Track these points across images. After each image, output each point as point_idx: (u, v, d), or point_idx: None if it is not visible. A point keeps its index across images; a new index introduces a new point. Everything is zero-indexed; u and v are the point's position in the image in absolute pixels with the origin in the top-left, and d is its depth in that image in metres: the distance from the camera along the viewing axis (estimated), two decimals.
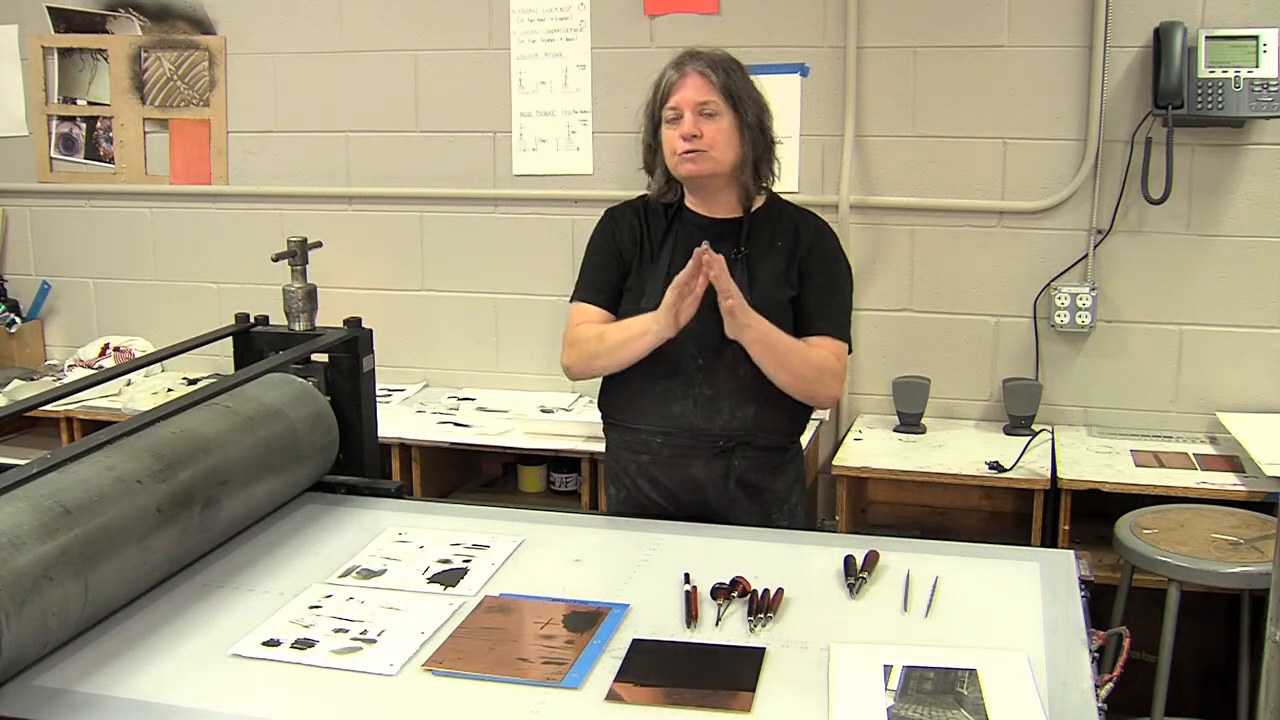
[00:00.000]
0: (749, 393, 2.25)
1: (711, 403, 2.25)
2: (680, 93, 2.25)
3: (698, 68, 2.25)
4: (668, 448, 2.27)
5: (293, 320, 2.48)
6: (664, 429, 2.28)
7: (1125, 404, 3.31)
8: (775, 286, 2.28)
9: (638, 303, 2.31)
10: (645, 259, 2.35)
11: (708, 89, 2.24)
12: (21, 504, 1.68)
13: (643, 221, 2.38)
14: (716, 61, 2.26)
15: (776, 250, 2.30)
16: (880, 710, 1.56)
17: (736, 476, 2.27)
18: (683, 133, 2.24)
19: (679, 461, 2.28)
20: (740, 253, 2.29)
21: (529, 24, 3.54)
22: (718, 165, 2.26)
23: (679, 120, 2.25)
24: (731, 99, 2.24)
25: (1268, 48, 2.98)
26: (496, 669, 1.67)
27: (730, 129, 2.25)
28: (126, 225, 4.00)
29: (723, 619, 1.82)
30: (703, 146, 2.23)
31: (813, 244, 2.33)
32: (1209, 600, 2.97)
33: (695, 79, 2.25)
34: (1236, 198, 3.16)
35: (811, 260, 2.31)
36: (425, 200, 3.72)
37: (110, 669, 1.68)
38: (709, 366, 2.25)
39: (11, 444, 3.73)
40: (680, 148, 2.24)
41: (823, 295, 2.32)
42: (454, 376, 3.80)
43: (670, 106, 2.26)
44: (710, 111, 2.24)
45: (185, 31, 3.83)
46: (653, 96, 2.32)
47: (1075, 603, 1.85)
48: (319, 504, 2.32)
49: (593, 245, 2.43)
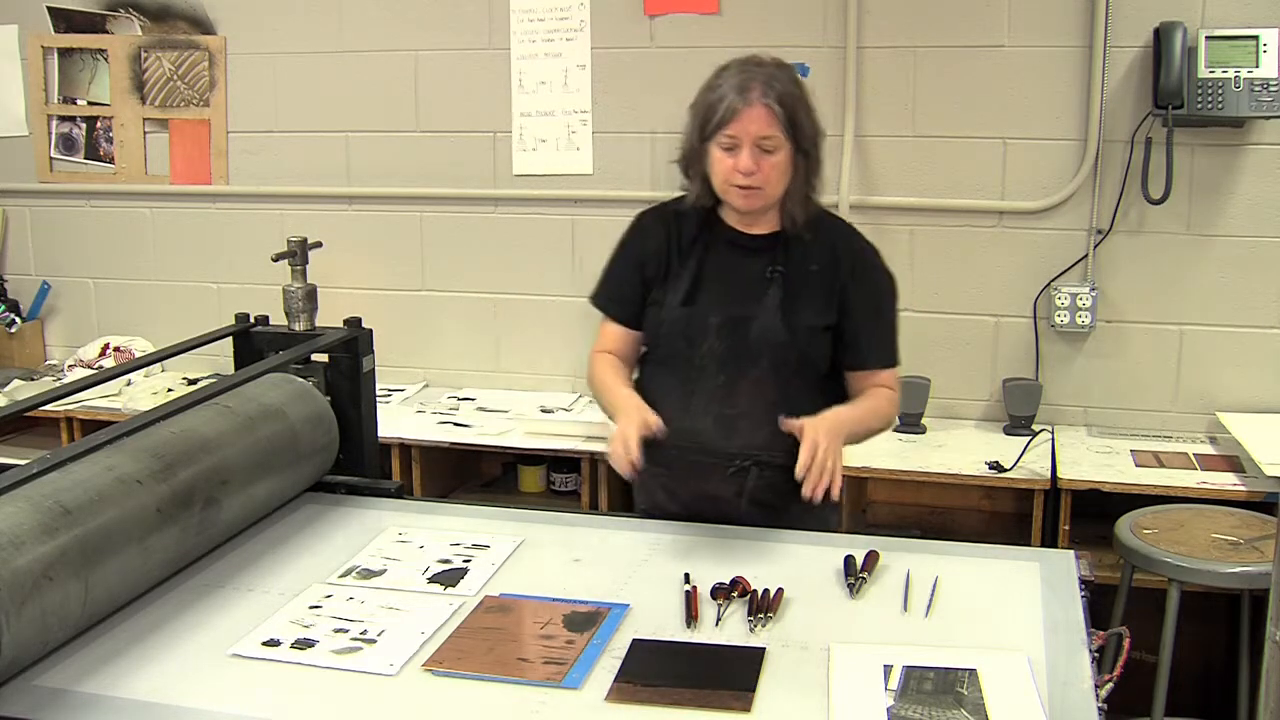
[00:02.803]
0: (770, 414, 2.17)
1: (731, 421, 2.18)
2: (741, 124, 2.09)
3: (764, 100, 2.09)
4: (684, 462, 2.21)
5: (293, 320, 2.48)
6: (681, 444, 2.20)
7: (1125, 404, 3.31)
8: (811, 313, 2.19)
9: (658, 315, 2.24)
10: (672, 269, 2.25)
11: (770, 123, 2.09)
12: (21, 504, 1.68)
13: (673, 231, 2.26)
14: (782, 93, 2.10)
15: (813, 275, 2.20)
16: (880, 710, 1.56)
17: (749, 496, 2.21)
18: (741, 168, 2.10)
19: (694, 477, 2.22)
20: (775, 271, 2.20)
21: (529, 24, 3.54)
22: (769, 199, 2.17)
23: (735, 150, 2.11)
24: (792, 131, 2.12)
25: (1268, 48, 2.98)
26: (496, 669, 1.67)
27: (785, 161, 2.13)
28: (126, 225, 4.00)
29: (723, 619, 1.82)
30: (758, 183, 2.11)
31: (853, 268, 2.22)
32: (1209, 600, 2.97)
33: (760, 111, 2.09)
34: (1236, 198, 3.16)
35: (853, 288, 2.21)
36: (425, 200, 3.72)
37: (110, 669, 1.68)
38: (731, 385, 2.18)
39: (11, 444, 3.73)
40: (736, 180, 2.12)
41: (870, 324, 2.24)
42: (454, 376, 3.80)
43: (729, 134, 2.11)
44: (770, 148, 2.10)
45: (185, 31, 3.83)
46: (706, 110, 2.15)
47: (1075, 603, 1.85)
48: (319, 504, 2.32)
49: (619, 249, 2.34)
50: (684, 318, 2.20)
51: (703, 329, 2.18)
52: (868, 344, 2.24)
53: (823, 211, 2.26)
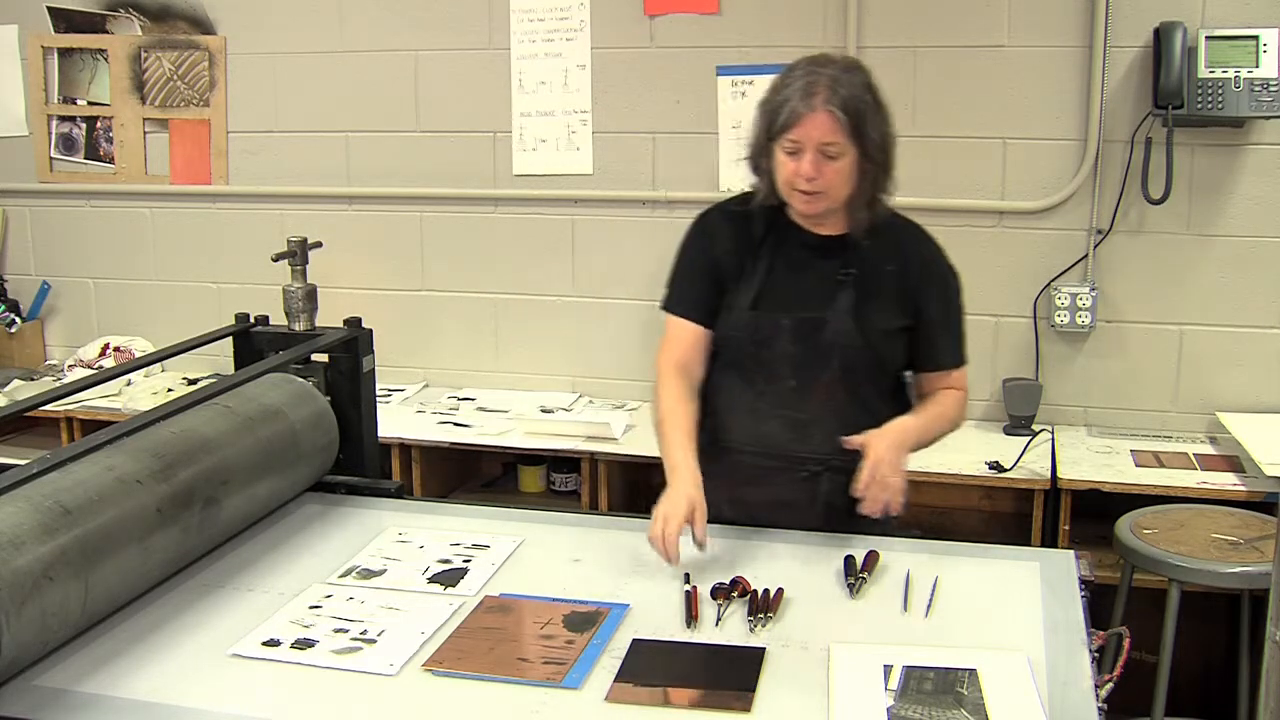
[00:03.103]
0: (841, 417, 2.15)
1: (803, 426, 2.16)
2: (804, 128, 2.05)
3: (827, 105, 2.04)
4: (755, 467, 2.19)
5: (293, 320, 2.48)
6: (752, 448, 2.19)
7: (1125, 404, 3.31)
8: (883, 315, 2.17)
9: (727, 318, 2.20)
10: (744, 271, 2.21)
11: (834, 129, 2.04)
12: (21, 504, 1.68)
13: (741, 232, 2.22)
14: (847, 98, 2.05)
15: (885, 275, 2.18)
16: (880, 710, 1.56)
17: (825, 500, 2.19)
18: (803, 173, 2.06)
19: (766, 482, 2.20)
20: (847, 274, 2.17)
21: (529, 24, 3.54)
22: (833, 204, 2.13)
23: (798, 154, 2.07)
24: (858, 137, 2.07)
25: (1268, 48, 2.98)
26: (496, 669, 1.67)
27: (851, 167, 2.09)
28: (126, 225, 4.00)
29: (723, 619, 1.82)
30: (821, 188, 2.08)
31: (925, 271, 2.21)
32: (1209, 600, 2.97)
33: (824, 117, 2.04)
34: (1236, 198, 3.16)
35: (925, 292, 2.20)
36: (425, 200, 3.72)
37: (110, 669, 1.68)
38: (802, 389, 2.15)
39: (11, 444, 3.73)
40: (800, 185, 2.08)
41: (944, 325, 2.23)
42: (454, 376, 3.80)
43: (791, 139, 2.07)
44: (834, 154, 2.06)
45: (185, 31, 3.83)
46: (771, 111, 2.10)
47: (1075, 603, 1.86)
48: (319, 504, 2.32)
49: (687, 252, 2.28)
50: (754, 320, 2.16)
51: (774, 331, 2.15)
52: (942, 345, 2.24)
53: (892, 213, 2.22)
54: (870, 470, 2.01)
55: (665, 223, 3.53)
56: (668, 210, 3.53)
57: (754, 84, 3.37)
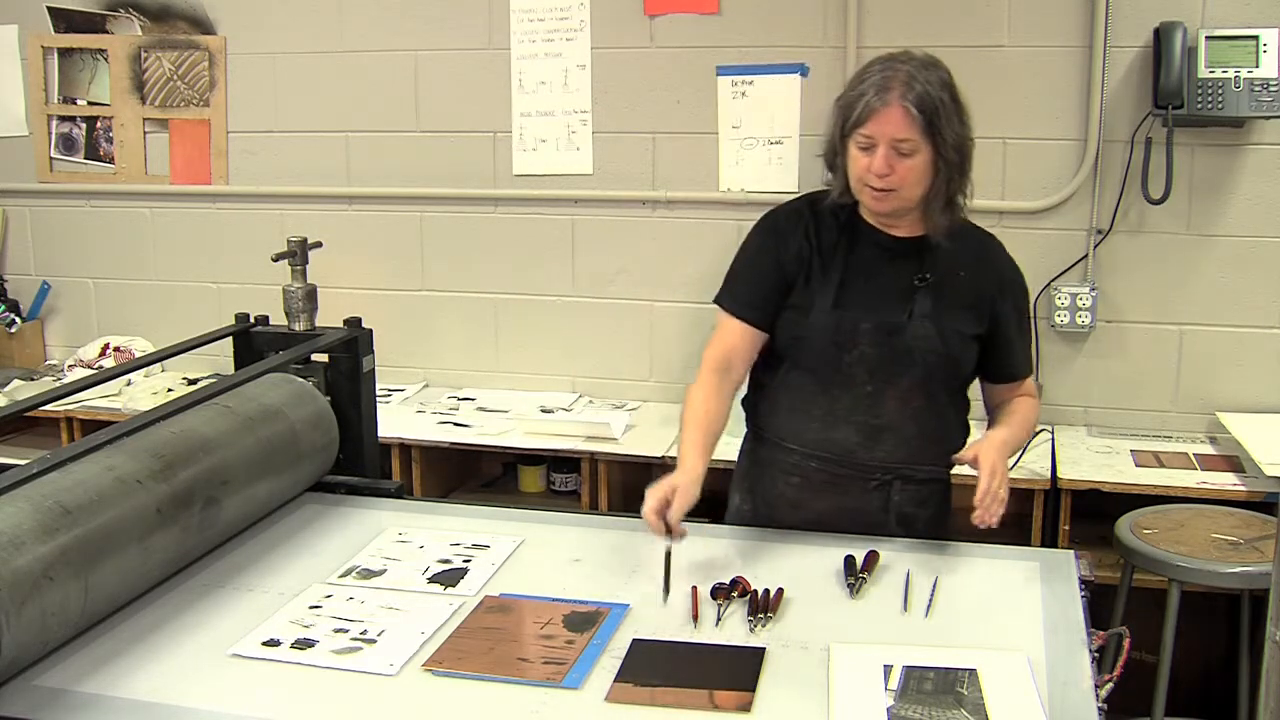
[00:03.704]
0: (916, 424, 2.14)
1: (876, 432, 2.12)
2: (877, 124, 2.02)
3: (902, 101, 2.00)
4: (824, 473, 2.15)
5: (293, 320, 2.48)
6: (822, 453, 2.15)
7: (1125, 404, 3.31)
8: (961, 321, 2.14)
9: (804, 319, 2.14)
10: (814, 272, 2.16)
11: (908, 126, 2.01)
12: (21, 504, 1.68)
13: (812, 233, 2.17)
14: (923, 95, 2.01)
15: (961, 281, 2.15)
16: (880, 710, 1.56)
17: (898, 510, 2.16)
18: (875, 169, 2.03)
19: (834, 489, 2.16)
20: (925, 279, 2.13)
21: (529, 24, 3.54)
22: (906, 203, 2.09)
23: (871, 150, 2.03)
24: (932, 134, 2.02)
25: (1268, 48, 2.98)
26: (496, 669, 1.67)
27: (925, 165, 2.04)
28: (126, 225, 4.00)
29: (723, 619, 1.82)
30: (893, 185, 2.04)
31: (1001, 281, 2.19)
32: (1209, 600, 2.97)
33: (897, 112, 2.00)
34: (1236, 198, 3.16)
35: (1002, 299, 2.18)
36: (425, 200, 3.72)
37: (110, 669, 1.68)
38: (878, 393, 2.12)
39: (11, 444, 3.73)
40: (871, 182, 2.05)
41: (1019, 336, 2.23)
42: (454, 376, 3.80)
43: (865, 134, 2.03)
44: (907, 151, 2.02)
45: (185, 31, 3.83)
46: (847, 106, 2.07)
47: (1075, 603, 1.86)
48: (319, 504, 2.32)
49: (750, 251, 2.23)
50: (833, 322, 2.12)
51: (853, 334, 2.11)
52: (1019, 356, 2.23)
53: (967, 220, 2.20)
54: (987, 482, 2.01)
55: (665, 223, 3.53)
56: (668, 210, 3.53)
57: (754, 84, 3.38)
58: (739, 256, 2.25)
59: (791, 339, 2.17)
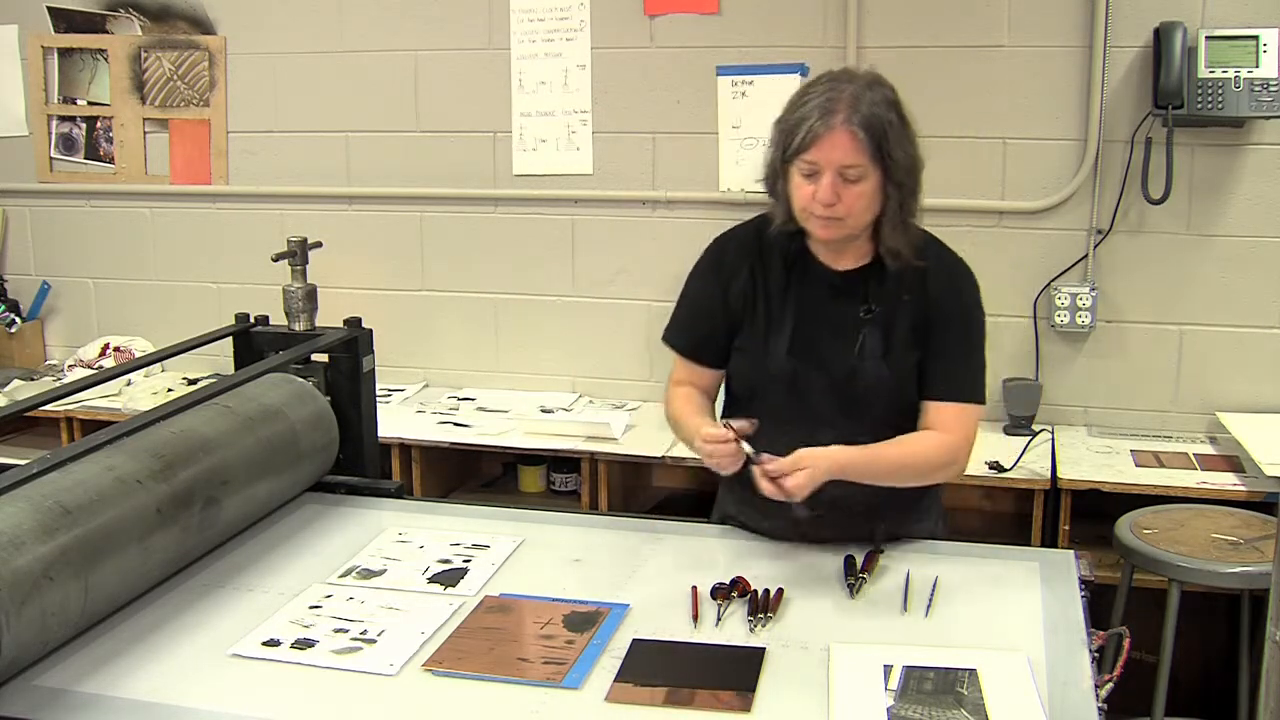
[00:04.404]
0: None
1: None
2: (823, 150, 1.91)
3: (848, 124, 1.90)
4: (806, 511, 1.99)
5: (293, 320, 2.48)
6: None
7: (1125, 404, 3.31)
8: (905, 349, 2.05)
9: (760, 366, 2.08)
10: (763, 315, 2.09)
11: (855, 151, 1.91)
12: (21, 504, 1.68)
13: (759, 271, 2.10)
14: (869, 116, 1.91)
15: (905, 306, 2.05)
16: (880, 710, 1.56)
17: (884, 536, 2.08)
18: (821, 198, 1.93)
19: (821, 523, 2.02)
20: (871, 310, 2.05)
21: (529, 24, 3.54)
22: (853, 230, 1.99)
23: (815, 176, 1.93)
24: (881, 158, 1.93)
25: (1268, 48, 2.98)
26: (496, 669, 1.67)
27: (874, 190, 1.95)
28: (126, 225, 4.00)
29: (723, 619, 1.82)
30: (839, 214, 1.94)
31: (941, 296, 2.06)
32: (1209, 600, 2.97)
33: (843, 137, 1.90)
34: (1236, 198, 3.16)
35: (937, 316, 2.05)
36: (425, 200, 3.72)
37: (110, 669, 1.68)
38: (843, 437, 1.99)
39: (11, 444, 3.72)
40: (816, 210, 1.95)
41: (948, 353, 2.06)
42: (454, 376, 3.80)
43: (808, 160, 1.93)
44: (854, 177, 1.92)
45: (185, 31, 3.83)
46: (788, 130, 1.96)
47: (1075, 603, 1.86)
48: (319, 504, 2.32)
49: (696, 283, 2.17)
50: (790, 373, 2.06)
51: (809, 385, 2.05)
52: (940, 374, 2.06)
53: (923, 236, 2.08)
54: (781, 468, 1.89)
55: (665, 223, 3.53)
56: (668, 210, 3.53)
57: (754, 84, 3.38)
58: (686, 289, 2.19)
59: (748, 387, 2.12)
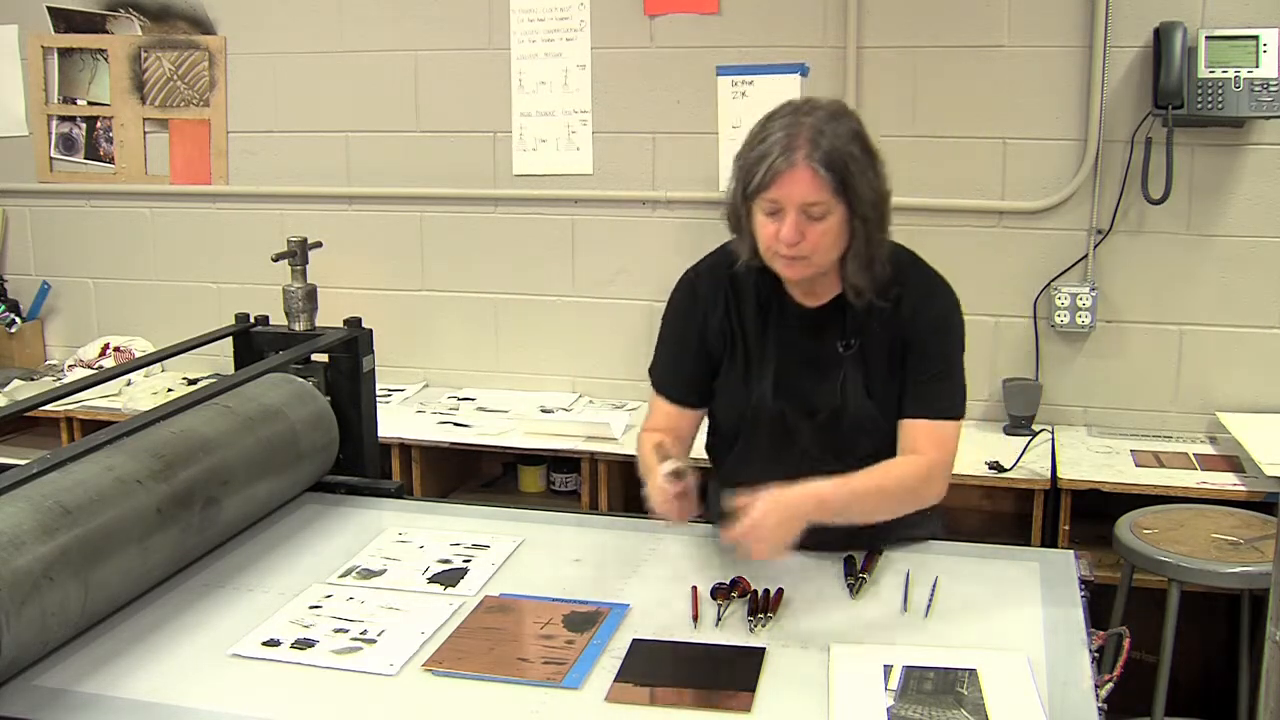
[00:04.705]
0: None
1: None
2: (784, 188, 1.85)
3: (809, 161, 1.84)
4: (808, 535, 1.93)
5: (293, 320, 2.48)
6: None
7: (1125, 404, 3.31)
8: (887, 382, 2.01)
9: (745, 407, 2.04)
10: (742, 355, 2.05)
11: (817, 188, 1.85)
12: (21, 504, 1.68)
13: (733, 309, 2.05)
14: (830, 152, 1.85)
15: (880, 336, 2.01)
16: (880, 710, 1.56)
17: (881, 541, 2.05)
18: (785, 238, 1.87)
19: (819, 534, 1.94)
20: (849, 345, 2.01)
21: (529, 24, 3.54)
22: (820, 267, 1.94)
23: (778, 215, 1.87)
24: (845, 193, 1.87)
25: (1268, 48, 2.98)
26: (496, 669, 1.67)
27: (839, 226, 1.89)
28: (126, 225, 4.00)
29: (723, 619, 1.82)
30: (804, 253, 1.88)
31: (915, 317, 2.00)
32: (1209, 600, 2.97)
33: (805, 174, 1.84)
34: (1236, 198, 3.16)
35: (913, 336, 2.00)
36: (425, 200, 3.72)
37: (110, 669, 1.68)
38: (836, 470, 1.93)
39: (11, 444, 3.72)
40: (781, 250, 1.89)
41: (923, 369, 2.00)
42: (454, 376, 3.80)
43: (770, 199, 1.87)
44: (818, 214, 1.86)
45: (185, 31, 3.83)
46: (748, 167, 1.90)
47: (1075, 603, 1.86)
48: (319, 504, 2.32)
49: (673, 323, 2.12)
50: (774, 415, 2.03)
51: (795, 425, 2.03)
52: (914, 392, 2.01)
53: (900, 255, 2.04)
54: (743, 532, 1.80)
55: (665, 223, 3.53)
56: (668, 210, 3.53)
57: (754, 84, 3.37)
58: (664, 328, 2.14)
59: (733, 426, 2.09)
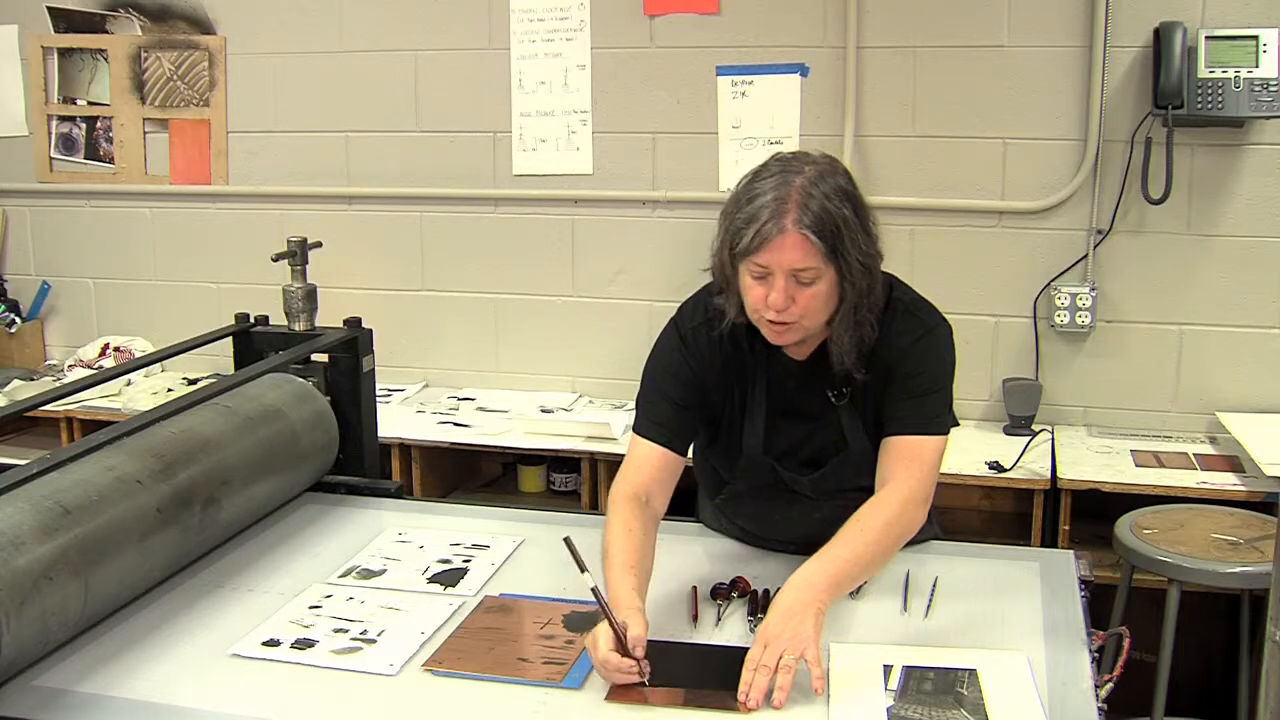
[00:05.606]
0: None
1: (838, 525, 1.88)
2: (773, 253, 1.78)
3: (799, 227, 1.77)
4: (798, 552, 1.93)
5: (293, 320, 2.48)
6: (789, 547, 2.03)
7: (1125, 404, 3.31)
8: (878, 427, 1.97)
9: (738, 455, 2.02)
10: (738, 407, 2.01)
11: (807, 254, 1.78)
12: (21, 504, 1.68)
13: (730, 359, 1.99)
14: (820, 215, 1.78)
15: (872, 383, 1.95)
16: (880, 710, 1.56)
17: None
18: (773, 304, 1.81)
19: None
20: (842, 394, 1.97)
21: (529, 24, 3.54)
22: (807, 332, 1.89)
23: (766, 279, 1.81)
24: (835, 258, 1.80)
25: (1268, 48, 2.98)
26: (496, 669, 1.67)
27: (829, 290, 1.83)
28: (126, 225, 3.99)
29: (723, 619, 1.82)
30: (793, 318, 1.83)
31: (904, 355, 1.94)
32: (1209, 600, 2.97)
33: (794, 239, 1.77)
34: (1236, 198, 3.16)
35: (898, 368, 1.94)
36: (425, 200, 3.72)
37: (110, 669, 1.68)
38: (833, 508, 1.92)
39: (11, 444, 3.72)
40: (769, 315, 1.83)
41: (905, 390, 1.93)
42: (454, 376, 3.80)
43: (758, 263, 1.80)
44: (808, 280, 1.80)
45: (185, 31, 3.83)
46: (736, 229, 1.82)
47: (1075, 603, 1.86)
48: (319, 504, 2.32)
49: (662, 370, 2.01)
50: (765, 467, 2.01)
51: (788, 477, 2.01)
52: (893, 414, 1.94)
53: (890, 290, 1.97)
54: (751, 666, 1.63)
55: (665, 223, 3.53)
56: (668, 210, 3.53)
57: (754, 84, 3.37)
58: (650, 373, 2.03)
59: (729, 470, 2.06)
